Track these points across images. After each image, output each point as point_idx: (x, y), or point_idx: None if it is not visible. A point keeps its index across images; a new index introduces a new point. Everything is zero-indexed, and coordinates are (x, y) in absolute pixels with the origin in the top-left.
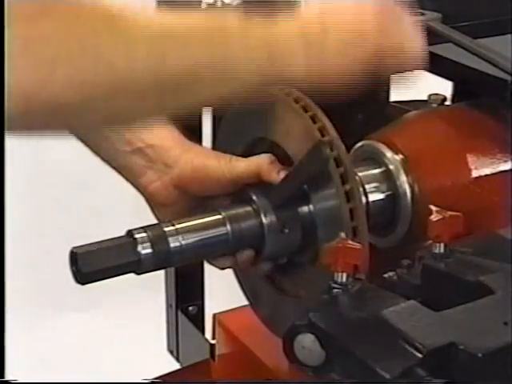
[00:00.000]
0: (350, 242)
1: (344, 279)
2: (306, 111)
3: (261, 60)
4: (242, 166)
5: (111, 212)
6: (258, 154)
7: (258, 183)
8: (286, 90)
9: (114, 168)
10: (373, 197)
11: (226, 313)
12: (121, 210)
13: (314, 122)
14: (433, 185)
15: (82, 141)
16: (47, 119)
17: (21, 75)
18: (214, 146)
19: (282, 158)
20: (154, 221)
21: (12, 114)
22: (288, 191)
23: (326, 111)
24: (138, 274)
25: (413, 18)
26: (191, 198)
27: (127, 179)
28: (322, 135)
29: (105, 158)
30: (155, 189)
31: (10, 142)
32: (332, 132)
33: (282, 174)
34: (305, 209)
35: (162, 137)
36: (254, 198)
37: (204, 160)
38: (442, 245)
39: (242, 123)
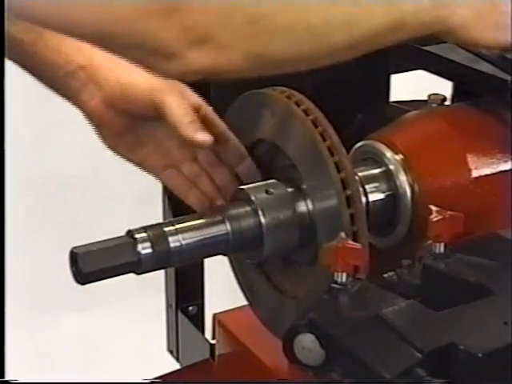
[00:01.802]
0: (350, 242)
1: (344, 279)
2: (308, 115)
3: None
4: (156, 79)
5: (111, 212)
6: (258, 155)
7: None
8: (287, 92)
9: (57, 93)
10: (373, 197)
11: (225, 313)
12: (121, 210)
13: (316, 126)
14: (433, 185)
15: (26, 69)
16: None
17: None
18: None
19: (283, 161)
20: (154, 221)
21: None
22: None
23: (326, 112)
24: (138, 274)
25: None
26: (125, 117)
27: (69, 101)
28: (324, 139)
29: (47, 84)
30: (91, 109)
31: (10, 143)
32: (333, 136)
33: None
34: (304, 209)
35: (92, 56)
36: (253, 198)
37: (130, 76)
38: (442, 245)
39: (242, 124)
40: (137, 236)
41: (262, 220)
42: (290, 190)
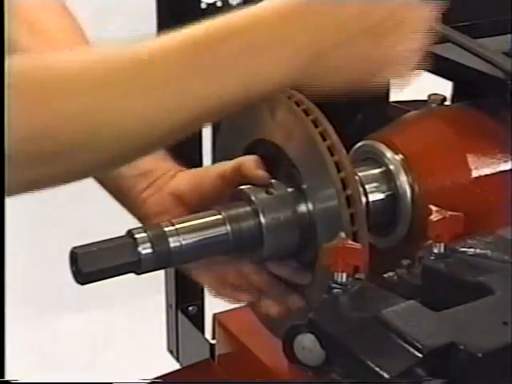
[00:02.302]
0: (350, 242)
1: (344, 279)
2: (308, 115)
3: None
4: (227, 163)
5: (111, 212)
6: (258, 155)
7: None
8: (287, 92)
9: (107, 189)
10: (373, 197)
11: (226, 313)
12: (121, 210)
13: (316, 126)
14: (433, 185)
15: None
16: None
17: None
18: (214, 147)
19: (282, 160)
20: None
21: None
22: None
23: (326, 112)
24: (138, 274)
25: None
26: (186, 207)
27: (118, 195)
28: (324, 139)
29: (102, 181)
30: (152, 200)
31: None
32: (333, 136)
33: (262, 172)
34: (304, 210)
35: (159, 162)
36: (253, 198)
37: (199, 169)
38: (442, 245)
39: (242, 124)
40: (137, 236)
41: (262, 220)
42: (290, 190)
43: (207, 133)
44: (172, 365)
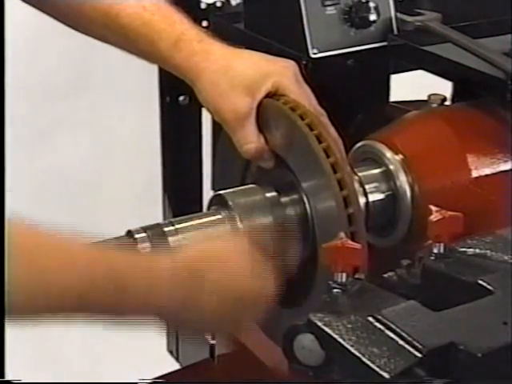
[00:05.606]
0: (350, 242)
1: (344, 279)
2: (312, 129)
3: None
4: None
5: (111, 212)
6: (258, 164)
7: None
8: (291, 104)
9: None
10: (373, 197)
11: None
12: (121, 210)
13: (320, 142)
14: (433, 185)
15: None
16: None
17: None
18: (215, 149)
19: (278, 165)
20: (154, 221)
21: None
22: None
23: (326, 113)
24: None
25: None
26: None
27: None
28: (327, 156)
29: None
30: None
31: (11, 142)
32: (336, 153)
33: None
34: (301, 210)
35: None
36: (230, 203)
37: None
38: (442, 245)
39: None
40: (137, 236)
41: (240, 225)
42: (269, 194)
43: (207, 135)
44: (172, 365)
